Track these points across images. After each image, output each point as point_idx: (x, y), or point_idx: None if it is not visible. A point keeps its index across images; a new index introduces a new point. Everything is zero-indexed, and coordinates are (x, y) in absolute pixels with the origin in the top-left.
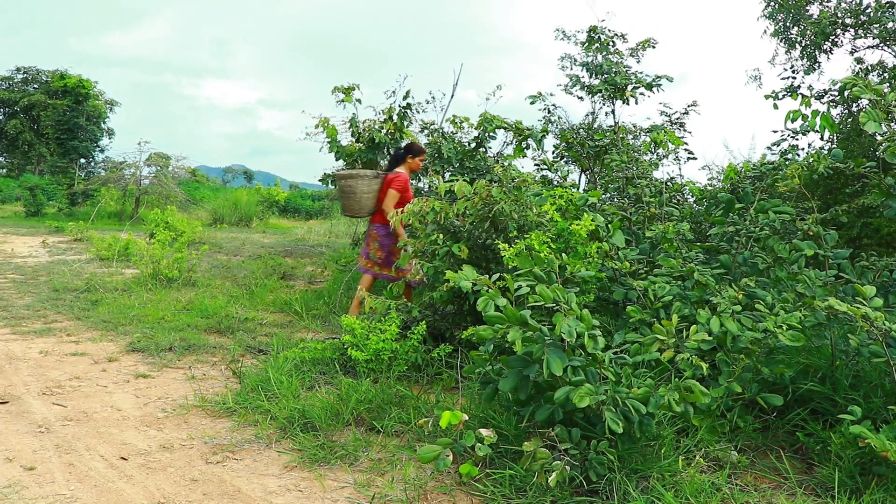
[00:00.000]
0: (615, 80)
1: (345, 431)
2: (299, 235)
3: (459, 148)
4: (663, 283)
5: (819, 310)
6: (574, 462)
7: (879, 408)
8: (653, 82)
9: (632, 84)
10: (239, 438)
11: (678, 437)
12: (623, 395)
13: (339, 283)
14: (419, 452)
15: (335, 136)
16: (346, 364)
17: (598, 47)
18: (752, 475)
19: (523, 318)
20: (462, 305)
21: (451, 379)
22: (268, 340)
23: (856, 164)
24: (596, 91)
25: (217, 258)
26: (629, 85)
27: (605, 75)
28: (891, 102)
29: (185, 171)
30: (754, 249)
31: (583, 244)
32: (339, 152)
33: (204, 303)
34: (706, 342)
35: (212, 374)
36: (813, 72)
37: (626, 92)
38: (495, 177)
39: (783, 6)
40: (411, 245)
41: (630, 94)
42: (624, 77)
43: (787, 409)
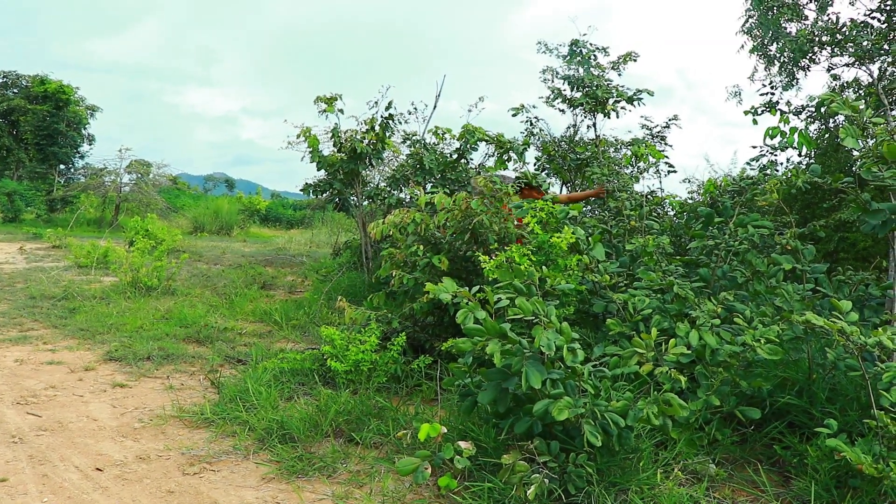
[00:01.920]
0: (596, 93)
1: (323, 443)
2: (280, 245)
3: (441, 159)
4: (643, 296)
5: (796, 324)
6: (553, 475)
7: (855, 421)
8: (633, 96)
9: (612, 98)
10: (217, 449)
11: (657, 450)
12: (602, 408)
13: (319, 293)
14: (398, 465)
15: (317, 145)
16: (326, 375)
17: (579, 60)
18: (730, 488)
19: (503, 331)
20: (442, 317)
21: (431, 391)
22: (247, 350)
23: (833, 180)
24: (577, 104)
25: (197, 267)
26: (610, 98)
27: (587, 88)
28: (867, 119)
29: (166, 178)
30: (733, 263)
31: (563, 257)
32: (321, 162)
33: (183, 312)
34: (685, 355)
35: (190, 384)
36: (791, 88)
37: (607, 105)
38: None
39: (761, 23)
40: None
41: (611, 107)
42: (605, 91)
43: (765, 422)
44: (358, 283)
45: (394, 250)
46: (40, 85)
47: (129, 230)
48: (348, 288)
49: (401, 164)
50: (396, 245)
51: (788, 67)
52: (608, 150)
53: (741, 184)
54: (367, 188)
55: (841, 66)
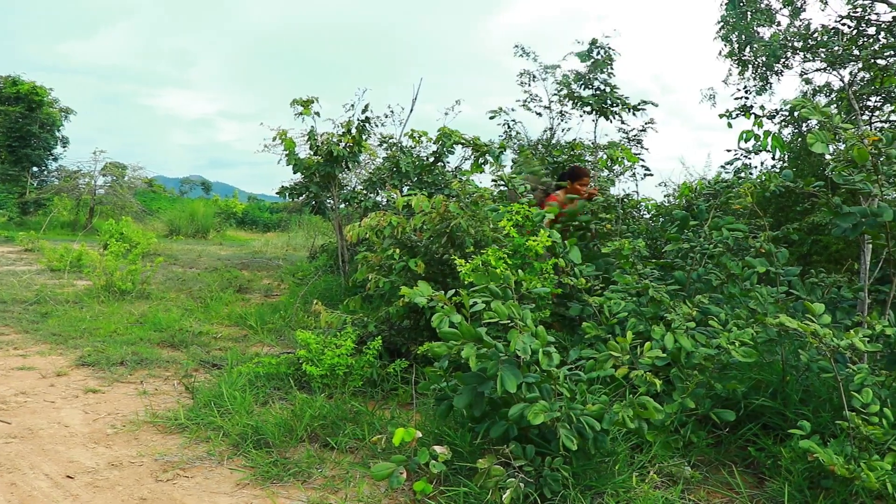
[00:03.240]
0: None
1: (298, 448)
2: (257, 248)
3: (418, 162)
4: (619, 299)
5: (770, 326)
6: (529, 479)
7: (828, 422)
8: (638, 105)
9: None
10: (190, 455)
11: (633, 453)
12: (577, 412)
13: (295, 297)
14: (373, 470)
15: (293, 148)
16: (301, 379)
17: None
18: (705, 490)
19: (478, 335)
20: (418, 320)
21: (407, 395)
22: (222, 355)
23: (805, 184)
24: (586, 103)
25: (172, 270)
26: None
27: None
28: (837, 124)
29: (141, 181)
30: (708, 266)
31: (539, 260)
32: (297, 165)
33: (158, 316)
34: (660, 358)
35: (164, 389)
36: (765, 92)
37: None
38: (453, 192)
39: (736, 28)
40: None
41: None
42: (613, 97)
43: (740, 425)
44: (334, 287)
45: (369, 254)
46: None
47: (103, 233)
48: (325, 291)
49: (377, 167)
50: (372, 248)
51: (762, 72)
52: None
53: (716, 187)
54: (344, 191)
55: (813, 70)
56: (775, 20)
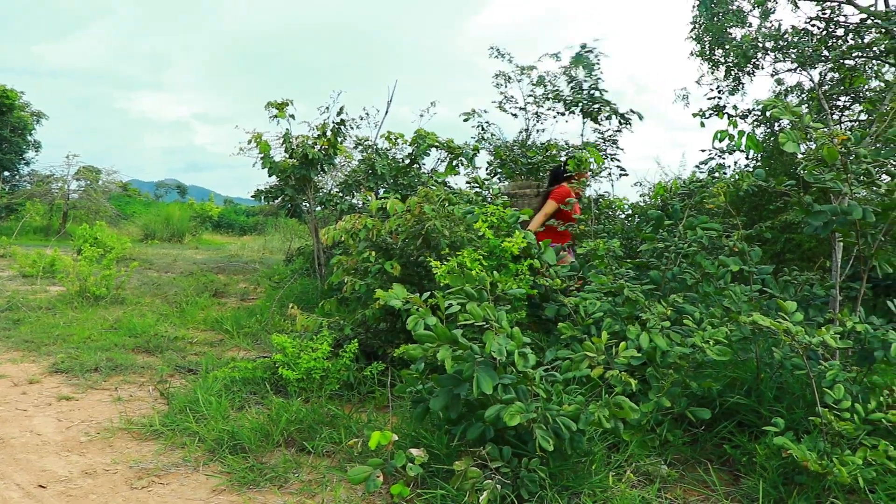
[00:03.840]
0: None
1: (275, 453)
2: (233, 251)
3: (393, 164)
4: (594, 299)
5: (744, 324)
6: (506, 480)
7: (801, 418)
8: (627, 114)
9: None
10: (166, 462)
11: (609, 453)
12: (554, 413)
13: (271, 301)
14: (349, 473)
15: (268, 151)
16: (278, 383)
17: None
18: (682, 488)
19: (453, 337)
20: (395, 323)
21: (384, 397)
22: (198, 360)
23: (777, 183)
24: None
25: (147, 275)
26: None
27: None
28: (808, 124)
29: (115, 185)
30: (683, 265)
31: (514, 261)
32: (273, 168)
33: (132, 321)
34: (636, 358)
35: (139, 395)
36: (737, 92)
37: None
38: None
39: (708, 28)
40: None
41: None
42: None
43: (715, 422)
44: (311, 290)
45: (345, 257)
46: None
47: (77, 238)
48: (301, 295)
49: (353, 169)
50: (348, 251)
51: (734, 72)
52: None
53: (690, 187)
54: (320, 194)
55: (784, 71)
56: (746, 21)
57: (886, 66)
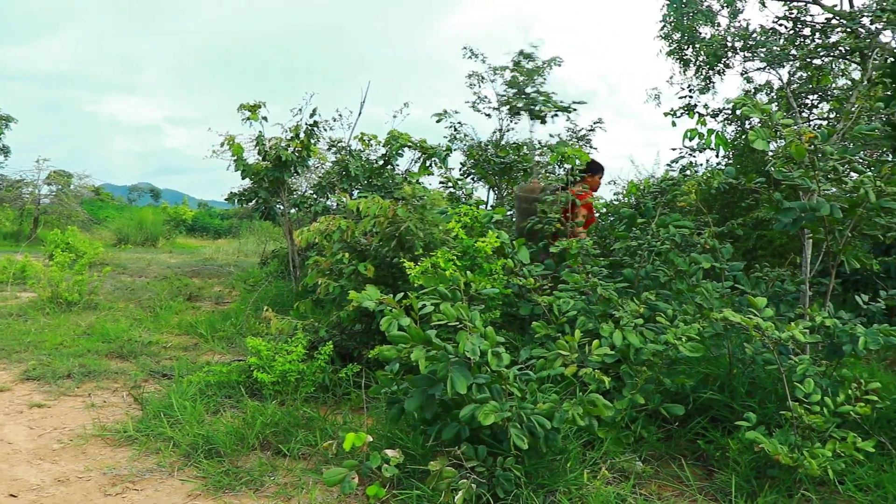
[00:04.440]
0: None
1: (250, 456)
2: (207, 255)
3: (367, 165)
4: (568, 298)
5: (716, 321)
6: (481, 479)
7: (773, 413)
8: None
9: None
10: (140, 468)
11: (584, 450)
12: (528, 411)
13: (246, 304)
14: (324, 476)
15: (241, 153)
16: (253, 387)
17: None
18: (656, 484)
19: (427, 338)
20: (370, 324)
21: (360, 399)
22: (172, 364)
23: (747, 180)
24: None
25: (121, 280)
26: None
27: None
28: (777, 121)
29: (87, 189)
30: (656, 263)
31: (488, 261)
32: (246, 170)
33: (105, 327)
34: (609, 356)
35: (113, 401)
36: (707, 91)
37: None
38: (402, 195)
39: (677, 27)
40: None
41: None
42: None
43: (689, 418)
44: (286, 293)
45: (319, 259)
46: None
47: (48, 243)
48: (276, 297)
49: (327, 171)
50: (322, 253)
51: (704, 71)
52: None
53: (662, 185)
54: (294, 196)
55: (753, 70)
56: (716, 20)
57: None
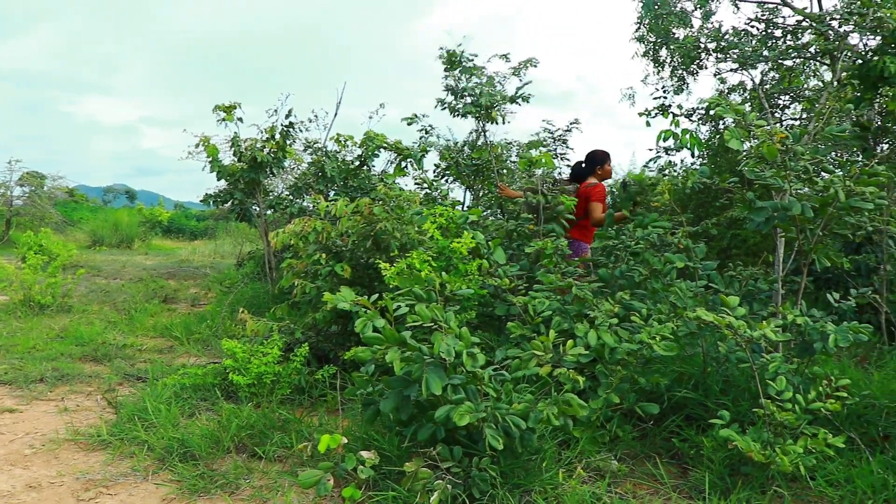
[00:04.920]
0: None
1: (226, 459)
2: (183, 257)
3: (343, 166)
4: (543, 298)
5: (689, 320)
6: (457, 480)
7: (746, 410)
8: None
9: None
10: (114, 472)
11: (560, 450)
12: (503, 412)
13: (222, 305)
14: (299, 478)
15: (216, 155)
16: (228, 389)
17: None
18: (632, 483)
19: (402, 339)
20: (346, 326)
21: (336, 401)
22: (147, 367)
23: (720, 180)
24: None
25: (95, 282)
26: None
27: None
28: (751, 121)
29: (61, 191)
30: (630, 262)
31: (464, 262)
32: (221, 172)
33: (79, 330)
34: (584, 355)
35: (86, 405)
36: (682, 91)
37: (492, 112)
38: (378, 196)
39: (652, 29)
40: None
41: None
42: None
43: (664, 417)
44: (262, 294)
45: (295, 260)
46: None
47: (20, 246)
48: (252, 299)
49: (303, 172)
50: (298, 254)
51: (679, 72)
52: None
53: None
54: (270, 197)
55: (726, 71)
56: (689, 22)
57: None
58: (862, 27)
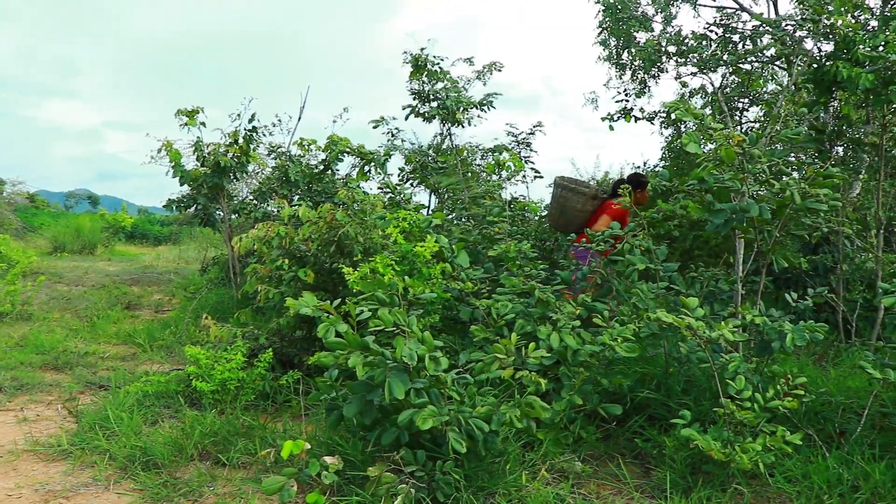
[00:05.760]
0: (447, 104)
1: (189, 467)
2: (147, 262)
3: (307, 171)
4: (506, 301)
5: (650, 321)
6: (420, 484)
7: (707, 410)
8: (483, 101)
9: (462, 106)
10: (74, 482)
11: (524, 452)
12: (466, 415)
13: (186, 312)
14: (263, 484)
15: (179, 159)
16: (192, 396)
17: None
18: (595, 483)
19: (364, 343)
20: (311, 331)
21: (300, 406)
22: (109, 375)
23: (680, 183)
24: (430, 116)
25: (56, 289)
26: (461, 107)
27: (439, 101)
28: (709, 125)
29: (21, 196)
30: (592, 265)
31: (427, 266)
32: (184, 177)
33: (40, 338)
34: (547, 358)
35: (46, 415)
36: (644, 95)
37: (457, 115)
38: (340, 200)
39: (614, 33)
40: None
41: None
42: (456, 101)
43: (627, 418)
44: (226, 300)
45: (259, 265)
46: None
47: None
48: (216, 305)
49: (267, 176)
50: (262, 260)
51: (640, 75)
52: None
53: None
54: (234, 202)
55: (687, 74)
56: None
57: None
58: (816, 33)
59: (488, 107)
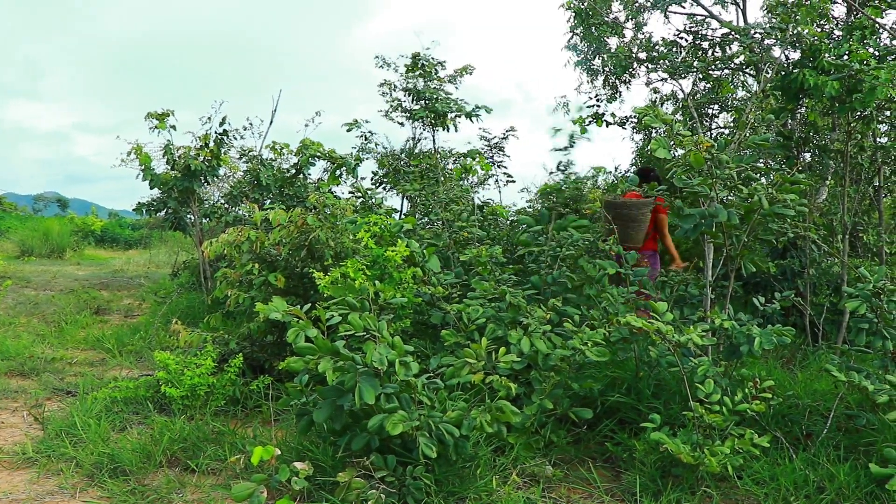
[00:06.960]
0: (436, 107)
1: (157, 474)
2: (117, 266)
3: (279, 175)
4: (477, 305)
5: (620, 326)
6: (391, 489)
7: (677, 413)
8: (472, 111)
9: (452, 112)
10: (39, 491)
11: (495, 456)
12: (437, 420)
13: (156, 316)
14: (232, 491)
15: (149, 163)
16: (161, 402)
17: (420, 73)
18: (566, 487)
19: (334, 349)
20: (281, 336)
21: (271, 412)
22: (77, 381)
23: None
24: (417, 116)
25: (24, 293)
26: (450, 112)
27: (427, 101)
28: (677, 131)
29: None
30: (563, 269)
31: (398, 270)
32: (154, 180)
33: (5, 343)
34: (517, 362)
35: (11, 422)
36: (615, 100)
37: (446, 119)
38: (311, 204)
39: (585, 37)
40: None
41: (450, 121)
42: (445, 104)
43: (598, 421)
44: (197, 304)
45: (229, 270)
46: None
47: None
48: (187, 309)
49: (238, 180)
50: (233, 264)
51: (611, 81)
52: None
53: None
54: (205, 206)
55: (658, 80)
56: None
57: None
58: (783, 41)
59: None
